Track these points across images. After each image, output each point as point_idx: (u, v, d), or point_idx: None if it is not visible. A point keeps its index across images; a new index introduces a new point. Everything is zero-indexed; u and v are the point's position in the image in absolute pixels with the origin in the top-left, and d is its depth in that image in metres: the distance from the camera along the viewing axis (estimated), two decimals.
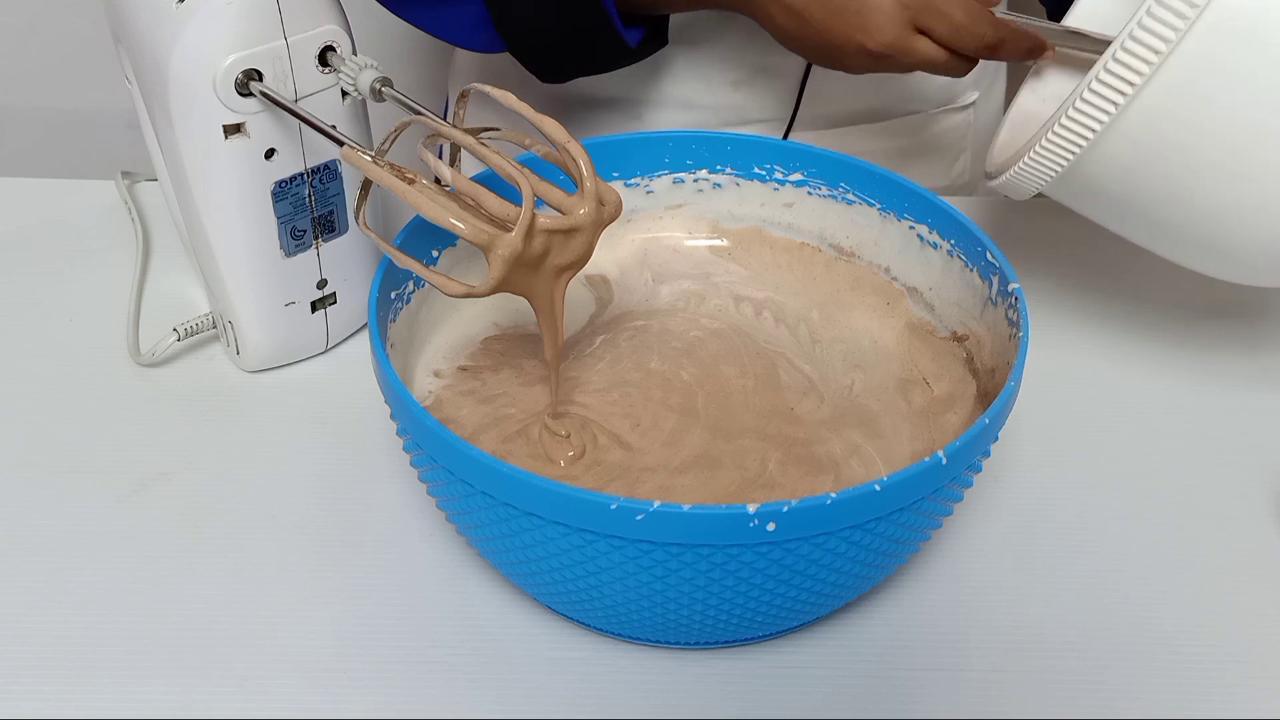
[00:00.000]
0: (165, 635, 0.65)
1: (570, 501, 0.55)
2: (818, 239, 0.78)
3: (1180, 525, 0.72)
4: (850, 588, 0.63)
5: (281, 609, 0.67)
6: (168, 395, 0.79)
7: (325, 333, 0.80)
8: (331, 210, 0.76)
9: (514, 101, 0.64)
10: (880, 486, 0.55)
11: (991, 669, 0.65)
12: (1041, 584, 0.69)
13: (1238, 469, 0.75)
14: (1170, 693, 0.64)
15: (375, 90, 0.69)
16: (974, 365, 0.71)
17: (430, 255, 0.71)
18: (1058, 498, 0.73)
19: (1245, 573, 0.70)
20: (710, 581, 0.57)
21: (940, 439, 0.68)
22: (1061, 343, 0.83)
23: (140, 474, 0.73)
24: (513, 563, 0.62)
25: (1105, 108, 0.67)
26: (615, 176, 0.78)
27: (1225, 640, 0.66)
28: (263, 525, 0.71)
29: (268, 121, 0.71)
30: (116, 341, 0.81)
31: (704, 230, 0.80)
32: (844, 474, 0.66)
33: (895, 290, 0.76)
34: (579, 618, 0.65)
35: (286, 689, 0.63)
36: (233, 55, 0.68)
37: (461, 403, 0.69)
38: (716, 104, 0.96)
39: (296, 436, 0.76)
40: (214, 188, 0.73)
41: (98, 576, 0.68)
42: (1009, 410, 0.62)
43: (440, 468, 0.59)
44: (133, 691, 0.63)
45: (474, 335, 0.73)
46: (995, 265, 0.68)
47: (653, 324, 0.75)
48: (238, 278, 0.75)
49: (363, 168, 0.63)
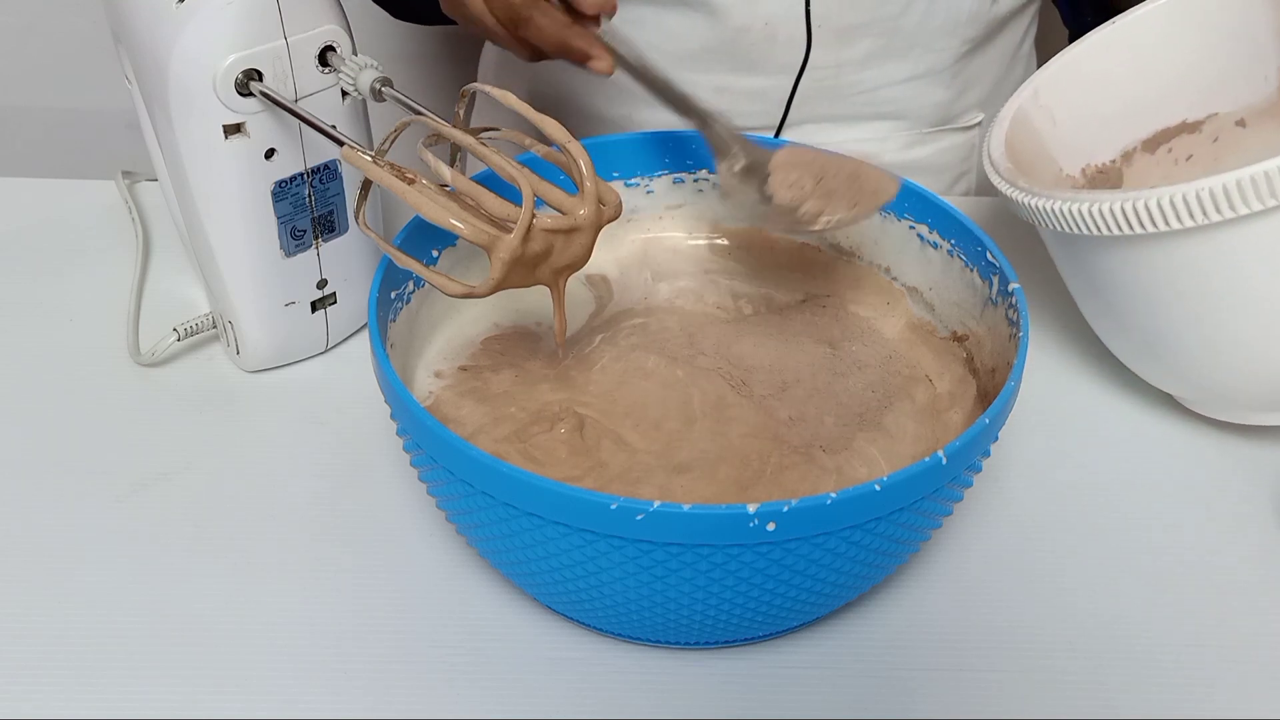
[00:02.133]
0: (165, 635, 0.65)
1: (570, 501, 0.55)
2: (818, 239, 0.78)
3: (1181, 525, 0.72)
4: (850, 588, 0.63)
5: (281, 609, 0.67)
6: (168, 395, 0.78)
7: (325, 333, 0.80)
8: (331, 210, 0.76)
9: (514, 101, 0.65)
10: (880, 486, 0.55)
11: (991, 669, 0.65)
12: (1041, 584, 0.69)
13: (1238, 468, 0.75)
14: (1170, 693, 0.64)
15: (375, 90, 0.69)
16: (974, 365, 0.71)
17: (430, 255, 0.71)
18: (1058, 497, 0.73)
19: (1245, 572, 0.70)
20: (710, 581, 0.57)
21: (945, 437, 0.68)
22: (1061, 343, 0.83)
23: (140, 474, 0.73)
24: (513, 563, 0.62)
25: (1202, 215, 0.65)
26: (615, 176, 0.78)
27: (1226, 640, 0.66)
28: (263, 525, 0.71)
29: (268, 121, 0.71)
30: (116, 341, 0.81)
31: (704, 230, 0.80)
32: (846, 474, 0.66)
33: (895, 290, 0.76)
34: (579, 618, 0.65)
35: (286, 689, 0.63)
36: (233, 55, 0.68)
37: (461, 403, 0.69)
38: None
39: (296, 436, 0.76)
40: (214, 188, 0.73)
41: (98, 576, 0.68)
42: (1009, 410, 0.62)
43: (440, 468, 0.59)
44: (133, 691, 0.63)
45: (474, 335, 0.73)
46: (995, 265, 0.68)
47: (651, 322, 0.75)
48: (238, 278, 0.75)
49: (363, 168, 0.64)
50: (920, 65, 0.92)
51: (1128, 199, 0.66)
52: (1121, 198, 0.66)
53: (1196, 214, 0.64)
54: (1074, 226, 0.68)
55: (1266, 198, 0.62)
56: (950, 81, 0.94)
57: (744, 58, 0.89)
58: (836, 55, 0.89)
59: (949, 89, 0.94)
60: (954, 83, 0.94)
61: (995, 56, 0.97)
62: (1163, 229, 0.65)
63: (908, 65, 0.92)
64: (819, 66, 0.90)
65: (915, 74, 0.92)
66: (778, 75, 0.90)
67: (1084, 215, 0.68)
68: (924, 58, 0.91)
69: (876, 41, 0.89)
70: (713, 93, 0.91)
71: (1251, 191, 0.63)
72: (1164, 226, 0.65)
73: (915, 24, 0.89)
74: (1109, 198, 0.66)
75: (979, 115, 1.00)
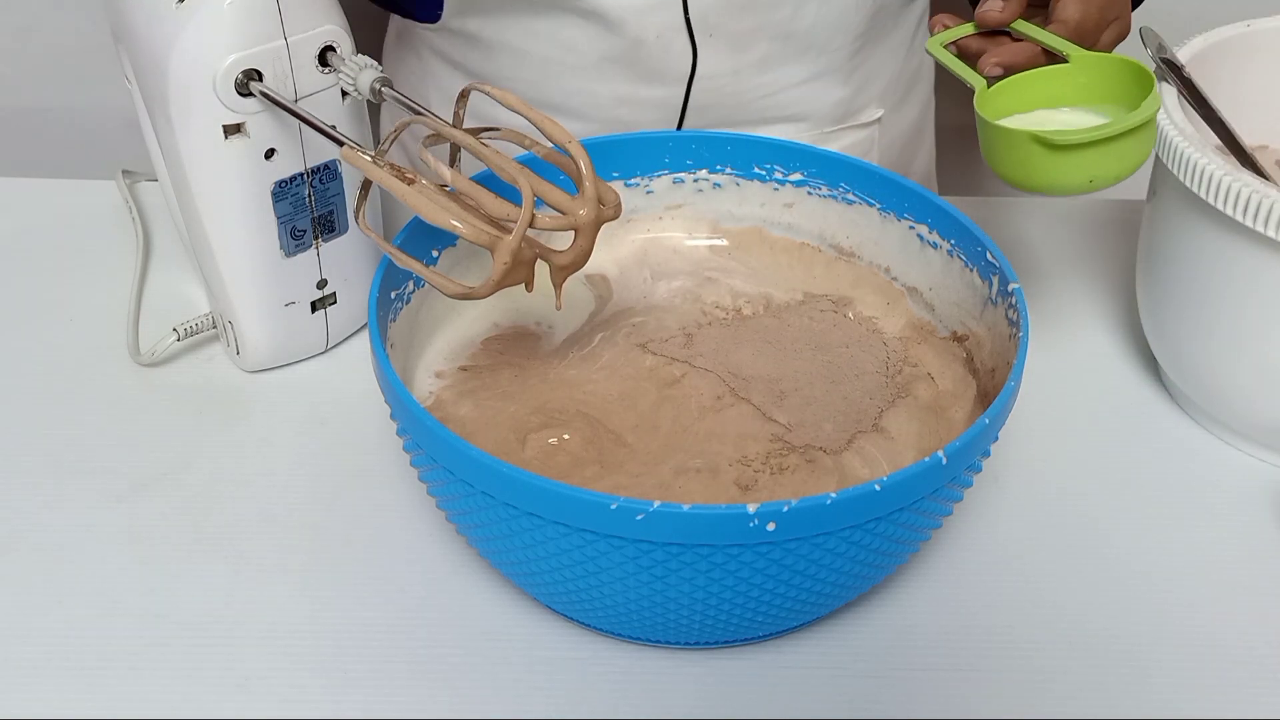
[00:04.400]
0: (165, 635, 0.65)
1: (570, 501, 0.55)
2: (818, 239, 0.78)
3: (1180, 525, 0.72)
4: (850, 588, 0.63)
5: (281, 609, 0.67)
6: (168, 395, 0.78)
7: (325, 333, 0.80)
8: (331, 210, 0.76)
9: (515, 101, 0.64)
10: (880, 486, 0.55)
11: (991, 669, 0.65)
12: (1041, 584, 0.69)
13: (1237, 469, 0.75)
14: (1170, 692, 0.64)
15: (375, 90, 0.69)
16: (974, 365, 0.71)
17: (430, 255, 0.71)
18: (1058, 498, 0.73)
19: (1246, 572, 0.70)
20: (710, 581, 0.57)
21: (946, 437, 0.68)
22: (1061, 343, 0.83)
23: (140, 474, 0.73)
24: (513, 563, 0.62)
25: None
26: (615, 176, 0.78)
27: (1226, 640, 0.66)
28: (263, 525, 0.71)
29: (267, 121, 0.71)
30: (116, 341, 0.81)
31: (704, 230, 0.80)
32: (847, 474, 0.66)
33: (895, 290, 0.76)
34: (579, 618, 0.65)
35: (286, 689, 0.63)
36: (232, 55, 0.68)
37: (462, 403, 0.69)
38: (603, 117, 0.92)
39: (296, 436, 0.76)
40: (214, 188, 0.73)
41: (98, 576, 0.68)
42: (1009, 410, 0.62)
43: (440, 468, 0.59)
44: (133, 691, 0.63)
45: (474, 335, 0.73)
46: (995, 265, 0.68)
47: (650, 320, 0.75)
48: (237, 278, 0.75)
49: (363, 168, 0.64)
50: (817, 65, 0.92)
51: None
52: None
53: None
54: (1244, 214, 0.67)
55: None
56: (847, 79, 0.94)
57: (641, 67, 0.89)
58: (733, 61, 0.89)
59: (846, 86, 0.94)
60: (851, 80, 0.94)
61: (890, 51, 0.97)
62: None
63: (804, 66, 0.91)
64: (713, 74, 0.89)
65: (813, 74, 0.92)
66: (674, 85, 0.90)
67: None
68: (819, 58, 0.91)
69: (771, 45, 0.89)
70: (614, 103, 0.91)
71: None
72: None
73: (808, 25, 0.89)
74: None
75: (878, 111, 0.99)
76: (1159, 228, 0.75)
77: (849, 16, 0.89)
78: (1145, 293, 0.78)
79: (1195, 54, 0.77)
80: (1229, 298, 0.71)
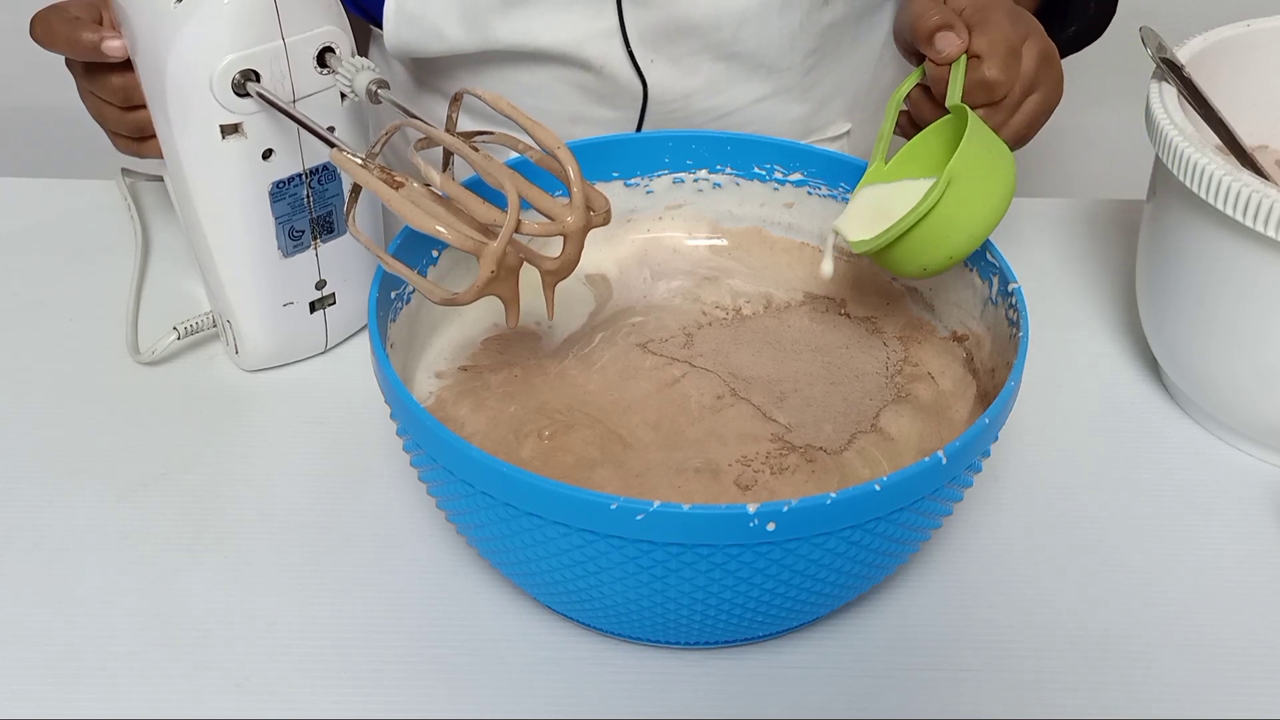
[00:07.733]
0: (165, 635, 0.65)
1: (570, 501, 0.55)
2: (818, 239, 0.78)
3: (1180, 525, 0.72)
4: (850, 588, 0.63)
5: (281, 609, 0.67)
6: (168, 395, 0.78)
7: (324, 333, 0.80)
8: (330, 211, 0.76)
9: (506, 106, 0.64)
10: (880, 486, 0.55)
11: (991, 669, 0.65)
12: (1041, 584, 0.69)
13: (1237, 469, 0.75)
14: (1170, 692, 0.64)
15: (371, 92, 0.69)
16: (974, 365, 0.71)
17: (430, 256, 0.71)
18: (1058, 498, 0.73)
19: (1246, 572, 0.70)
20: (710, 581, 0.57)
21: (948, 436, 0.68)
22: (1061, 343, 0.83)
23: (140, 474, 0.73)
24: (513, 563, 0.62)
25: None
26: (615, 176, 0.78)
27: (1225, 640, 0.66)
28: (263, 525, 0.71)
29: (265, 122, 0.71)
30: (116, 341, 0.81)
31: (704, 230, 0.80)
32: (848, 474, 0.66)
33: (895, 290, 0.76)
34: (579, 618, 0.65)
35: (286, 689, 0.63)
36: (230, 55, 0.68)
37: (462, 403, 0.69)
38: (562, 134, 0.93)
39: (296, 436, 0.76)
40: (212, 188, 0.73)
41: (98, 576, 0.68)
42: (1009, 410, 0.62)
43: (440, 468, 0.59)
44: (133, 691, 0.63)
45: (474, 335, 0.73)
46: (995, 265, 0.68)
47: (650, 320, 0.75)
48: (236, 277, 0.75)
49: (351, 171, 0.63)
50: (768, 85, 0.91)
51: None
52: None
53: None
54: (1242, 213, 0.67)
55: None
56: (803, 96, 0.93)
57: (594, 92, 0.89)
58: (682, 85, 0.89)
59: (804, 103, 0.93)
60: (808, 97, 0.93)
61: (854, 67, 0.95)
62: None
63: (755, 87, 0.91)
64: (664, 99, 0.89)
65: (766, 94, 0.91)
66: (627, 108, 0.90)
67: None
68: (770, 77, 0.90)
69: (715, 67, 0.89)
70: (568, 122, 0.91)
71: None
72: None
73: (752, 47, 0.88)
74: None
75: (846, 125, 0.98)
76: (1159, 228, 0.75)
77: (796, 37, 0.89)
78: (1145, 293, 0.78)
79: (1195, 54, 0.77)
80: (1229, 298, 0.71)
